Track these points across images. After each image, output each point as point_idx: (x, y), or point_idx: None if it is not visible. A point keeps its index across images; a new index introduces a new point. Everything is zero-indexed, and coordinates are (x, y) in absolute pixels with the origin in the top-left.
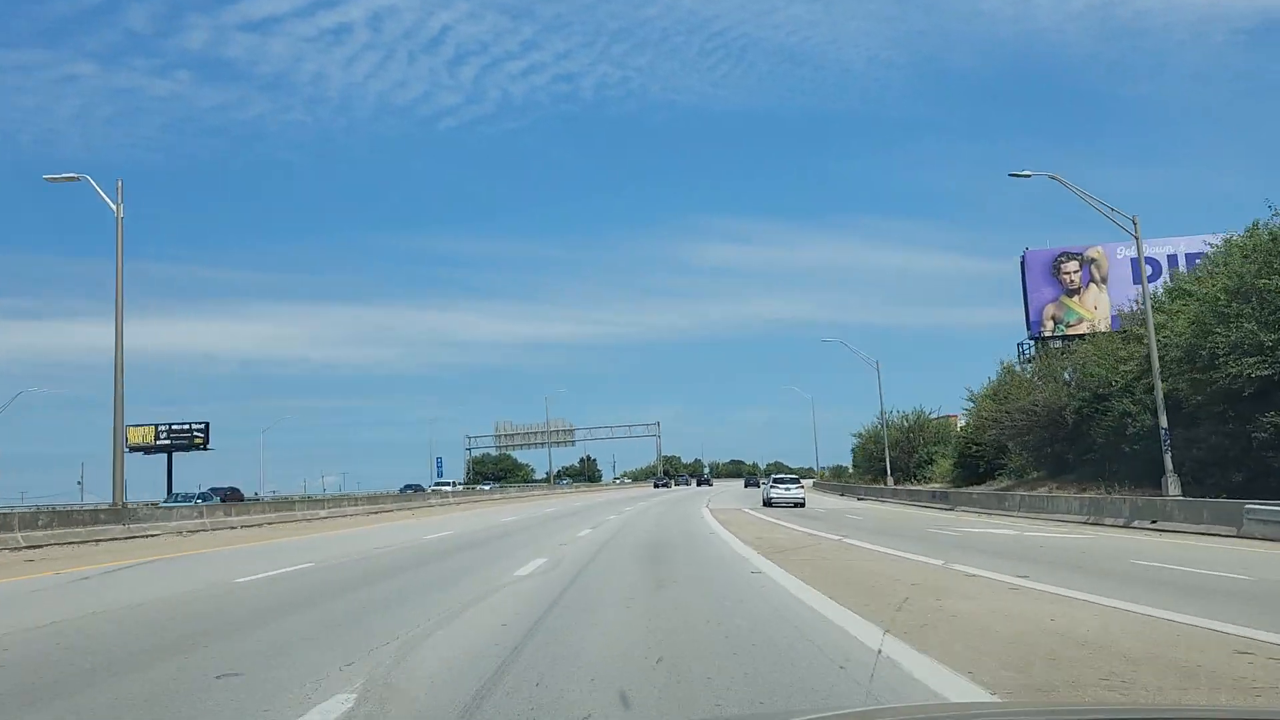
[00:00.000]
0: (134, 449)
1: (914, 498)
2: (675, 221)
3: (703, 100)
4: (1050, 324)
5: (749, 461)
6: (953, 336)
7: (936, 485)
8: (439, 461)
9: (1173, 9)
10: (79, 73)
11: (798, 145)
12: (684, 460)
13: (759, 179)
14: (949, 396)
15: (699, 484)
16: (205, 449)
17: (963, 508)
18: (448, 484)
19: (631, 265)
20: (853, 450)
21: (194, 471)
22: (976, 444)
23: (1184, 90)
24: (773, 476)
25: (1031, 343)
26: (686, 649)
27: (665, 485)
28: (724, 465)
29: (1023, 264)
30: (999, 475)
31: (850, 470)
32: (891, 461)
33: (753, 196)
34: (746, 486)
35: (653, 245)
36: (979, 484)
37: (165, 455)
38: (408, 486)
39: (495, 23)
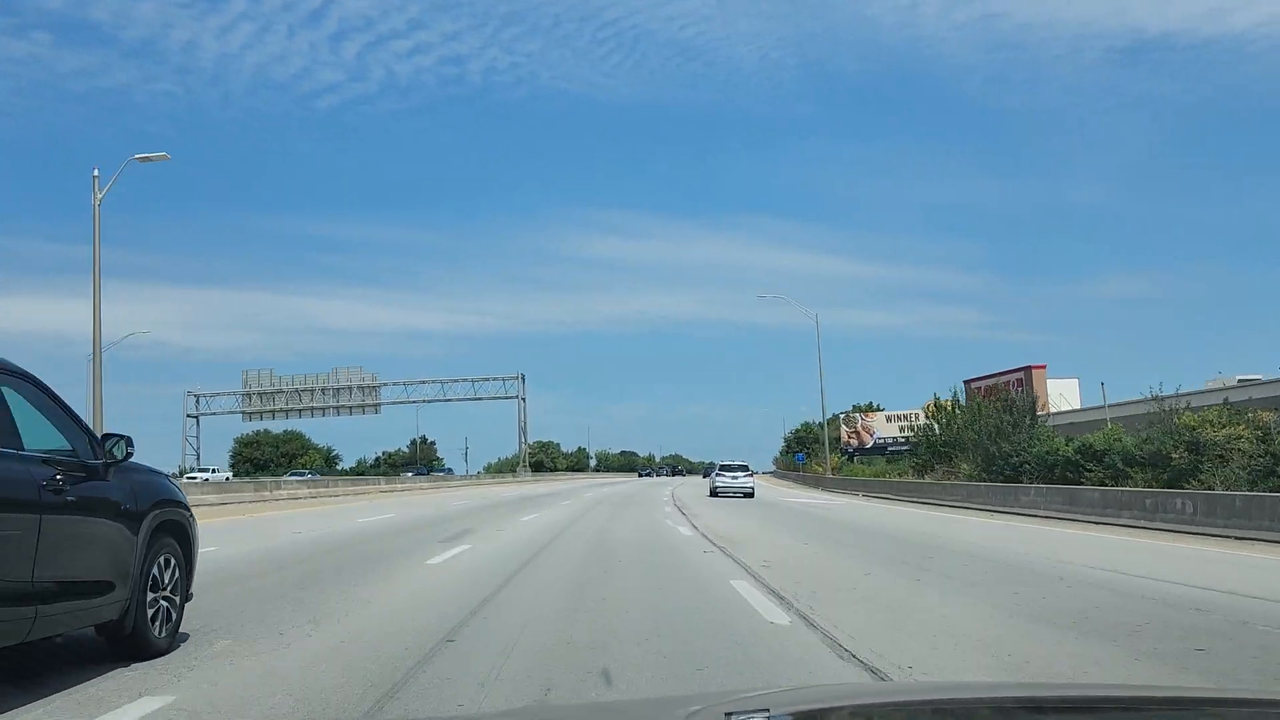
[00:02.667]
0: None
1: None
2: (561, 213)
3: (593, 90)
4: None
5: (642, 454)
6: (836, 339)
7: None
8: (195, 444)
9: (1052, 24)
10: None
11: (688, 141)
12: (565, 449)
13: (648, 173)
14: (837, 398)
15: (672, 474)
16: None
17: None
18: (205, 472)
19: (514, 256)
20: (785, 440)
21: None
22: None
23: (1056, 103)
24: (720, 464)
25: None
26: None
27: (649, 475)
28: (615, 456)
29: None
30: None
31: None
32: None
33: (641, 191)
34: (641, 476)
35: (537, 236)
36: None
37: None
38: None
39: None
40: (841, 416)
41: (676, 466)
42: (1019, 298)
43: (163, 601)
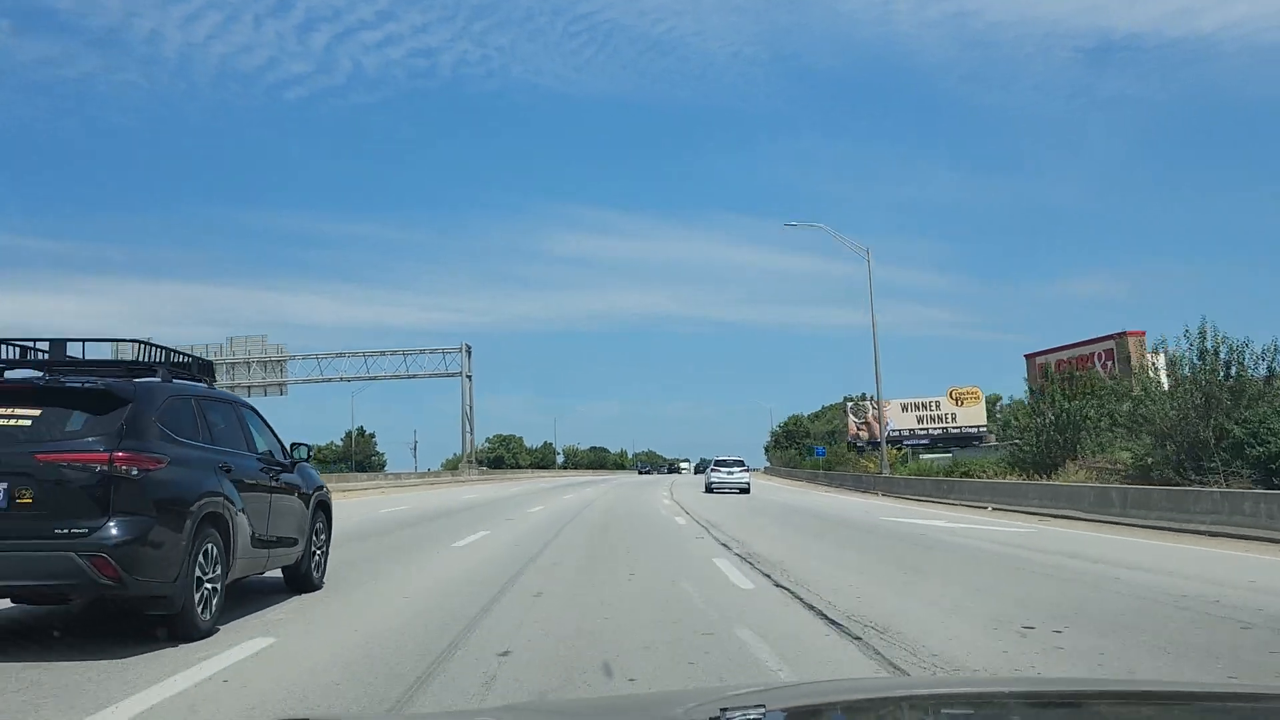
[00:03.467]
0: None
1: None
2: (534, 209)
3: (565, 85)
4: None
5: (614, 451)
6: (807, 336)
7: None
8: None
9: (1023, 23)
10: None
11: (661, 137)
12: (528, 444)
13: (622, 170)
14: (810, 396)
15: (669, 471)
16: None
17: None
18: None
19: (488, 252)
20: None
21: None
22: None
23: (1028, 103)
24: (715, 460)
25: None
26: None
27: (649, 472)
28: (584, 452)
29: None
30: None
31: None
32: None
33: (615, 187)
34: (642, 474)
35: (509, 233)
36: None
37: None
38: None
39: None
40: (849, 405)
41: (675, 464)
42: (991, 297)
43: (317, 553)
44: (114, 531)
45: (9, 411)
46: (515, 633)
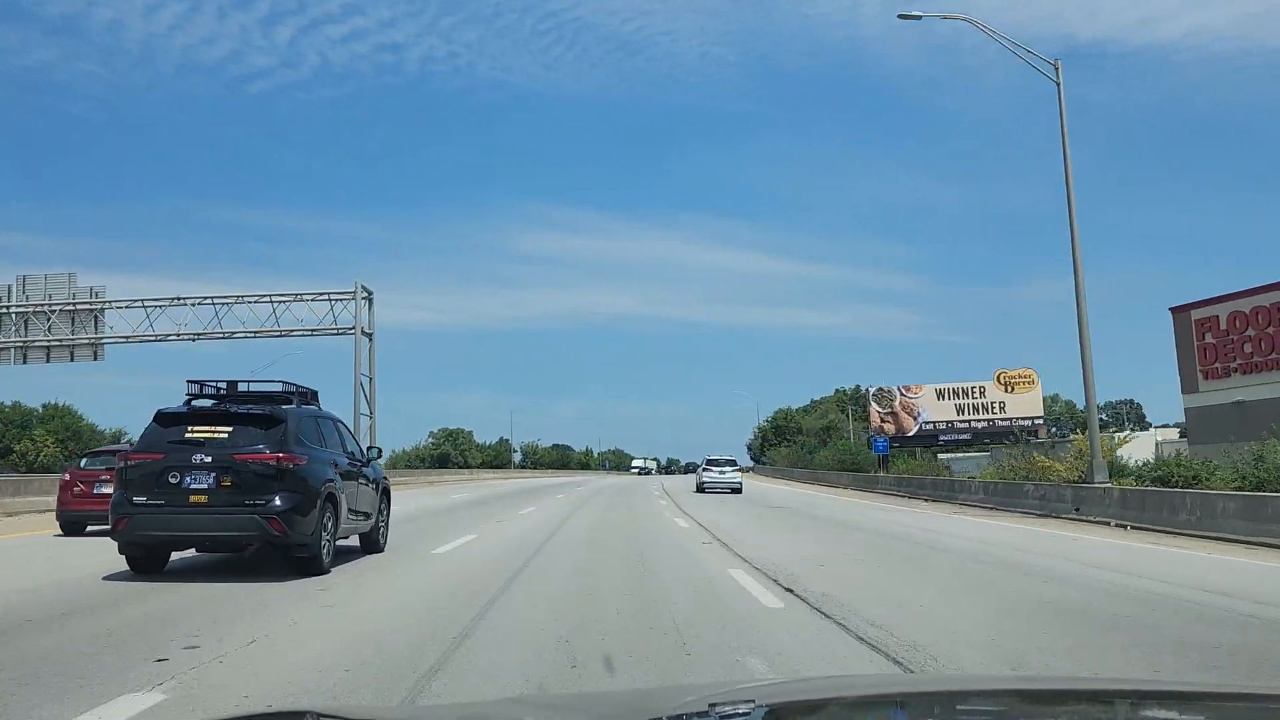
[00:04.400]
0: None
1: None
2: (501, 207)
3: (533, 83)
4: None
5: (578, 449)
6: (775, 337)
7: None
8: None
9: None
10: None
11: (629, 137)
12: (479, 439)
13: (588, 169)
14: (783, 396)
15: (658, 472)
16: None
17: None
18: None
19: (452, 250)
20: (759, 430)
21: None
22: None
23: (991, 108)
24: (706, 459)
25: None
26: None
27: (647, 473)
28: (546, 450)
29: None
30: None
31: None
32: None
33: (581, 186)
34: (640, 475)
35: (476, 230)
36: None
37: None
38: None
39: None
40: (870, 392)
41: (669, 466)
42: (951, 299)
43: (382, 526)
44: (280, 503)
45: (216, 429)
46: None
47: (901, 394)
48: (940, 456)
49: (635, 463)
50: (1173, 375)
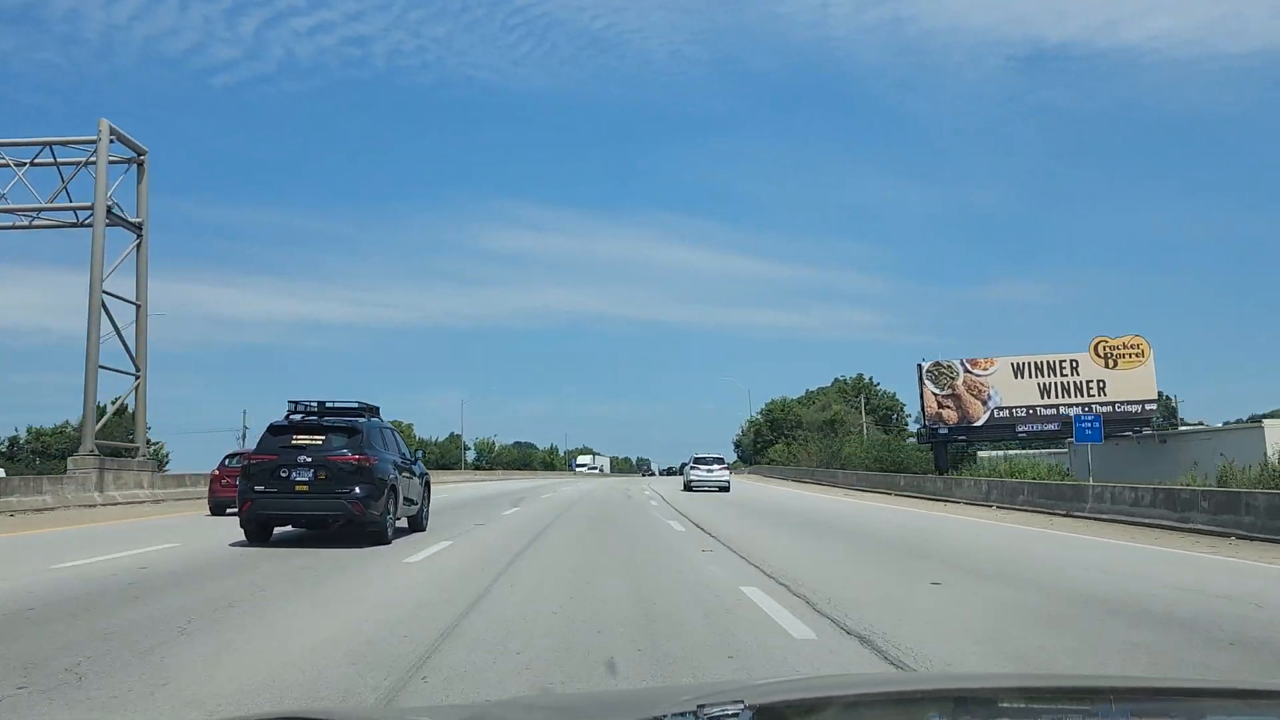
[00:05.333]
0: None
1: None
2: (467, 204)
3: (502, 79)
4: None
5: (542, 447)
6: (742, 337)
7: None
8: None
9: (956, 30)
10: None
11: (598, 134)
12: (421, 435)
13: (556, 166)
14: (758, 393)
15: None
16: None
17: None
18: None
19: (418, 247)
20: (750, 423)
21: None
22: None
23: (959, 109)
24: (694, 457)
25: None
26: None
27: (651, 475)
28: (506, 449)
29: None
30: None
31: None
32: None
33: (549, 184)
34: (644, 476)
35: (441, 227)
36: None
37: None
38: None
39: None
40: (924, 369)
41: (667, 467)
42: (917, 299)
43: (425, 510)
44: (359, 492)
45: (313, 437)
46: None
47: (966, 370)
48: (1001, 453)
49: (581, 459)
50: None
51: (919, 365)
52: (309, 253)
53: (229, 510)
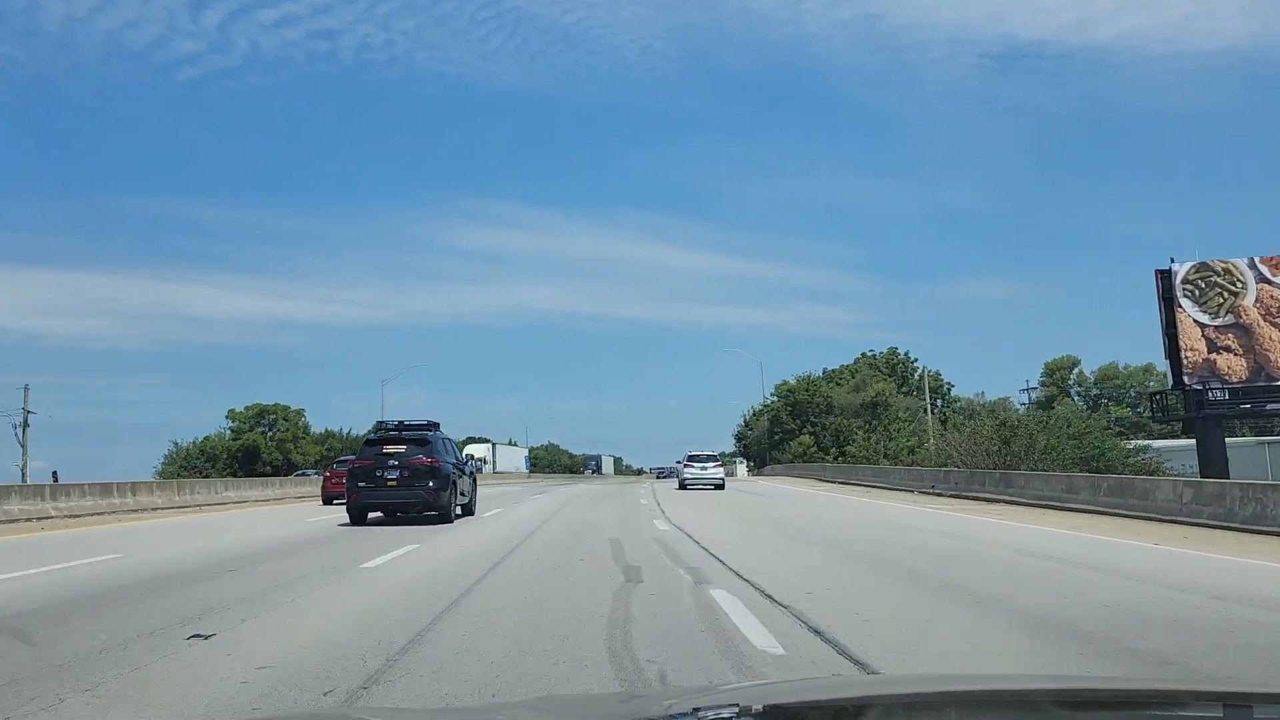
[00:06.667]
0: None
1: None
2: (438, 201)
3: (473, 74)
4: None
5: (521, 445)
6: (717, 336)
7: None
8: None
9: (929, 27)
10: None
11: (570, 131)
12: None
13: (529, 163)
14: (734, 393)
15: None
16: None
17: None
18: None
19: (388, 244)
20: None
21: None
22: None
23: (932, 107)
24: (688, 454)
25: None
26: None
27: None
28: (457, 444)
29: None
30: None
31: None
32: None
33: (521, 181)
34: (659, 478)
35: (413, 225)
36: None
37: None
38: None
39: None
40: (1176, 274)
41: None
42: (891, 297)
43: (474, 500)
44: (432, 485)
45: (399, 446)
46: None
47: (1261, 275)
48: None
49: (471, 449)
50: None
51: (1163, 272)
52: (278, 250)
53: (336, 501)
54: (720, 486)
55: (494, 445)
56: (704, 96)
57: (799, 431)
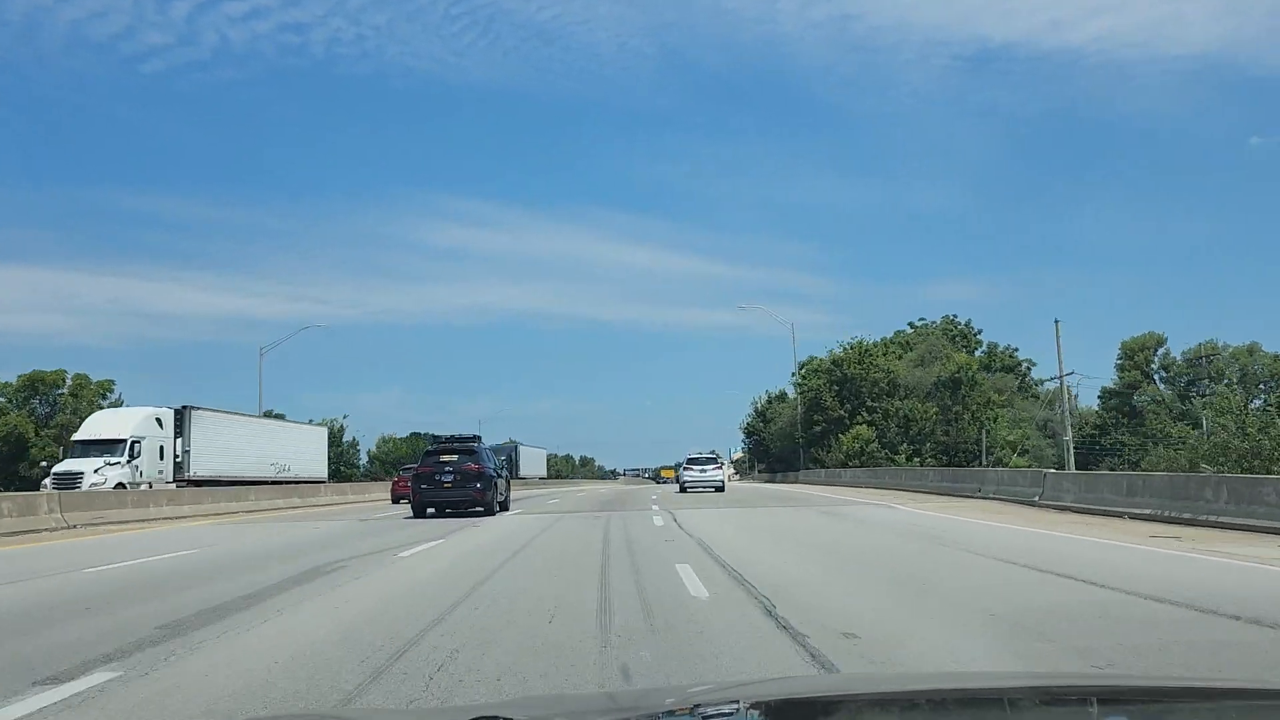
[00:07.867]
0: None
1: None
2: (408, 198)
3: (445, 70)
4: None
5: (496, 444)
6: (689, 336)
7: None
8: None
9: (903, 28)
10: None
11: (541, 129)
12: (327, 441)
13: (498, 161)
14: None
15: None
16: None
17: None
18: None
19: (357, 242)
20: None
21: None
22: None
23: (905, 109)
24: (688, 456)
25: None
26: None
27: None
28: (396, 441)
29: None
30: None
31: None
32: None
33: (491, 179)
34: (660, 483)
35: (381, 222)
36: None
37: None
38: None
39: None
40: None
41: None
42: (863, 299)
43: (509, 497)
44: (479, 486)
45: (452, 455)
46: None
47: None
48: None
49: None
50: None
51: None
52: (243, 246)
53: (402, 500)
54: (720, 488)
55: (517, 446)
56: (676, 95)
57: (850, 420)
